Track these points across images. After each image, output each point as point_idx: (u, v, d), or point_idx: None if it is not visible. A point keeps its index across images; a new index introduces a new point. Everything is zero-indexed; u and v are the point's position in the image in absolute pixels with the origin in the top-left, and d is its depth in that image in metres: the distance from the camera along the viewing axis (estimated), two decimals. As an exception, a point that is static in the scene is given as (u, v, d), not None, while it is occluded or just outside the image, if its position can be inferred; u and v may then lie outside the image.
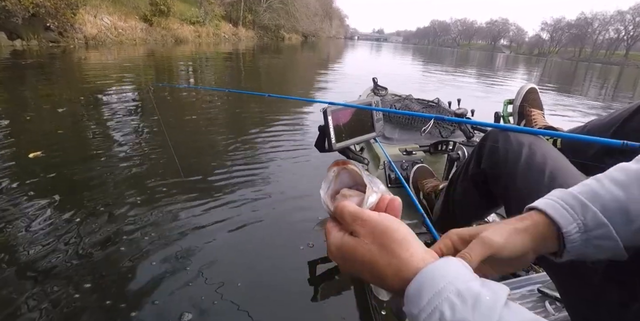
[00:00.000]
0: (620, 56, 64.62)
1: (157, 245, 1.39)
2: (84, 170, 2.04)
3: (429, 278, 0.29)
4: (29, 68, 6.17)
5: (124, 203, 1.67)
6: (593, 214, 0.42)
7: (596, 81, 15.61)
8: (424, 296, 0.29)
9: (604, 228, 0.41)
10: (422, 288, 0.29)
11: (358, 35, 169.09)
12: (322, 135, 1.16)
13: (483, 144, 0.83)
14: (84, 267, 1.25)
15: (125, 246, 1.37)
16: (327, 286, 1.29)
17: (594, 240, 0.42)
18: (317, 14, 45.03)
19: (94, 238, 1.41)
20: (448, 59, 24.42)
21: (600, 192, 0.43)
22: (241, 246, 1.46)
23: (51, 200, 1.67)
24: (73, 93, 4.29)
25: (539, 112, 1.34)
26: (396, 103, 2.23)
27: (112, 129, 2.88)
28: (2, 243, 1.34)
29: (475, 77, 10.94)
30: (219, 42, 19.70)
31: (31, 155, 2.20)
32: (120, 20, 13.34)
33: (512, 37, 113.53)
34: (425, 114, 1.11)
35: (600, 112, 6.17)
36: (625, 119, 0.86)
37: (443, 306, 0.28)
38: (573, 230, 0.41)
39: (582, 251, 0.43)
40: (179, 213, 1.64)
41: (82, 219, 1.52)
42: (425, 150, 1.64)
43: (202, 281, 1.23)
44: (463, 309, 0.27)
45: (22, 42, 9.41)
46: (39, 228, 1.44)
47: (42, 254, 1.29)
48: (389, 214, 0.38)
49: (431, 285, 0.29)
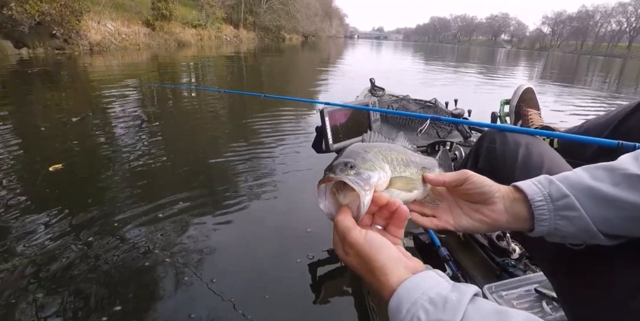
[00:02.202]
0: (622, 48, 64.08)
1: (166, 255, 1.44)
2: (99, 182, 2.09)
3: (405, 293, 0.35)
4: (36, 76, 6.21)
5: (135, 216, 1.71)
6: (557, 187, 0.49)
7: (599, 74, 15.53)
8: (402, 309, 0.34)
9: (566, 198, 0.48)
10: (400, 303, 0.35)
11: (358, 34, 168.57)
12: (320, 136, 1.18)
13: (480, 144, 0.83)
14: (102, 273, 1.32)
15: (134, 256, 1.42)
16: (326, 288, 1.33)
17: (560, 211, 0.48)
18: (317, 14, 45.00)
19: (107, 244, 1.48)
20: (448, 56, 24.33)
21: (571, 175, 0.51)
22: (243, 252, 1.50)
23: (66, 212, 1.71)
24: (81, 102, 4.37)
25: (536, 112, 1.35)
26: (393, 103, 2.24)
27: (120, 138, 2.94)
28: (25, 255, 1.40)
29: (475, 75, 10.93)
30: (220, 44, 19.77)
31: (51, 168, 2.21)
32: (123, 25, 13.44)
33: (513, 31, 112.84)
34: (422, 115, 1.14)
35: (603, 103, 6.20)
36: (621, 119, 0.87)
37: (419, 313, 0.33)
38: (537, 198, 0.49)
39: (552, 224, 0.49)
40: (184, 220, 1.69)
41: (98, 230, 1.58)
42: (422, 151, 1.61)
43: (204, 285, 1.27)
44: (435, 312, 0.33)
45: (29, 50, 9.51)
46: (54, 237, 1.51)
47: (66, 261, 1.36)
48: (391, 224, 0.44)
49: (407, 298, 0.34)
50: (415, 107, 2.18)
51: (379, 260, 0.38)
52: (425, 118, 1.07)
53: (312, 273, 1.39)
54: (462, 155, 1.37)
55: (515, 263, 0.97)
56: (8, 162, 2.29)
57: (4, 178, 2.05)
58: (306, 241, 1.57)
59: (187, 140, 3.06)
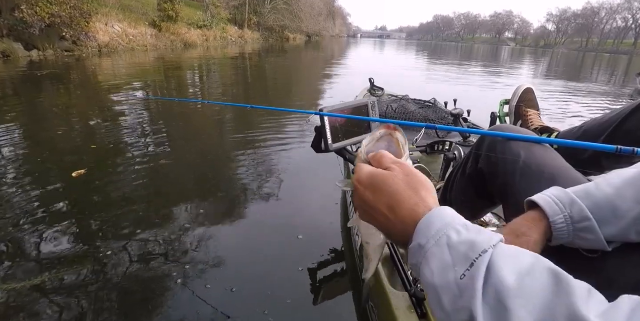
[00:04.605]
0: (629, 45, 63.48)
1: (174, 264, 1.47)
2: (118, 188, 2.11)
3: (438, 215, 0.34)
4: (47, 79, 6.23)
5: (151, 225, 1.74)
6: (579, 209, 0.49)
7: (605, 71, 15.45)
8: (433, 228, 0.33)
9: (587, 222, 0.49)
10: (432, 222, 0.34)
11: (361, 33, 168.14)
12: (319, 136, 1.17)
13: (481, 143, 0.82)
14: (118, 278, 1.36)
15: (141, 265, 1.45)
16: (326, 290, 1.36)
17: (580, 232, 0.49)
18: (322, 13, 45.00)
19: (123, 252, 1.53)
20: (452, 55, 24.24)
21: (594, 191, 0.51)
22: (245, 254, 1.56)
23: (82, 219, 1.76)
24: (94, 105, 4.41)
25: (535, 113, 1.35)
26: (392, 103, 2.22)
27: (133, 140, 2.99)
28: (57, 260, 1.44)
29: (478, 74, 10.93)
30: (226, 45, 19.84)
31: (74, 174, 2.21)
32: (131, 27, 13.55)
33: (517, 29, 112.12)
34: (418, 124, 1.12)
35: (609, 99, 6.21)
36: (620, 121, 0.87)
37: (450, 232, 0.32)
38: (559, 220, 0.49)
39: (569, 241, 0.50)
40: (192, 228, 1.72)
41: (107, 236, 1.62)
42: (422, 151, 1.63)
43: (222, 294, 1.30)
44: (468, 234, 0.32)
45: (39, 52, 9.63)
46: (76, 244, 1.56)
47: (80, 269, 1.39)
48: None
49: (440, 219, 0.34)
50: (414, 107, 2.16)
51: (428, 182, 0.39)
52: (424, 121, 1.02)
53: (313, 276, 1.42)
54: (461, 155, 1.37)
55: None
56: (31, 169, 2.33)
57: (29, 185, 2.08)
58: (306, 242, 1.62)
59: (193, 143, 3.10)
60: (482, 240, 0.31)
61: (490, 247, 0.30)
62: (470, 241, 0.31)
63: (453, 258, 0.31)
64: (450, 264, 0.31)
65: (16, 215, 1.75)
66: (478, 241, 0.31)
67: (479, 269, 0.29)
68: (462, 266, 0.30)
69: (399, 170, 0.39)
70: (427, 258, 0.32)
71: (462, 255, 0.30)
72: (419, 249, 0.33)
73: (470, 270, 0.29)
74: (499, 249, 0.30)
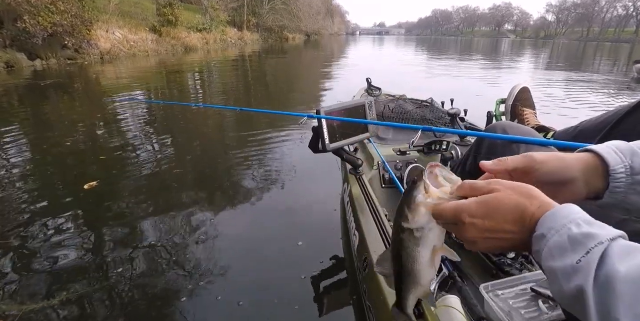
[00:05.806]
0: (630, 33, 62.81)
1: (180, 271, 1.52)
2: (129, 199, 2.16)
3: (561, 212, 0.38)
4: (51, 89, 6.26)
5: (162, 234, 1.81)
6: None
7: (607, 60, 15.35)
8: (557, 221, 0.37)
9: None
10: (556, 216, 0.38)
11: (360, 31, 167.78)
12: (316, 136, 1.18)
13: (481, 142, 0.83)
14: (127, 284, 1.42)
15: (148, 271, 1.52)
16: (326, 291, 1.39)
17: (636, 186, 0.46)
18: (320, 12, 44.94)
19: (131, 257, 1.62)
20: (452, 49, 24.15)
21: None
22: (247, 256, 1.62)
23: (92, 228, 1.83)
24: (97, 114, 4.48)
25: (531, 112, 1.37)
26: (390, 103, 2.22)
27: (140, 148, 3.05)
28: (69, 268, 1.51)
29: (479, 68, 10.90)
30: (226, 47, 19.89)
31: (86, 186, 2.23)
32: (131, 33, 13.63)
33: (516, 21, 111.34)
34: (415, 126, 1.12)
35: (610, 91, 6.22)
36: (616, 122, 0.87)
37: (571, 225, 0.36)
38: (620, 169, 0.46)
39: (624, 196, 0.47)
40: (198, 234, 1.79)
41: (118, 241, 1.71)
42: (419, 150, 1.63)
43: (229, 305, 1.33)
44: (588, 228, 0.36)
45: (42, 61, 9.71)
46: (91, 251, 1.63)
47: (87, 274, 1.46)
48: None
49: (563, 215, 0.38)
50: (411, 107, 2.15)
51: (529, 186, 0.42)
52: (421, 121, 1.02)
53: (315, 280, 1.44)
54: (458, 154, 1.36)
55: (511, 263, 0.98)
56: (43, 183, 2.37)
57: (41, 198, 2.12)
58: (307, 243, 1.66)
59: (197, 148, 3.16)
60: (601, 234, 0.35)
61: (607, 240, 0.34)
62: (589, 234, 0.35)
63: (572, 246, 0.35)
64: (570, 251, 0.35)
65: (34, 229, 1.81)
66: (597, 234, 0.35)
67: (594, 256, 0.34)
68: (579, 253, 0.34)
69: (504, 188, 0.42)
70: (550, 245, 0.37)
71: (581, 244, 0.35)
72: (542, 238, 0.38)
73: (586, 257, 0.34)
74: (616, 243, 0.34)
